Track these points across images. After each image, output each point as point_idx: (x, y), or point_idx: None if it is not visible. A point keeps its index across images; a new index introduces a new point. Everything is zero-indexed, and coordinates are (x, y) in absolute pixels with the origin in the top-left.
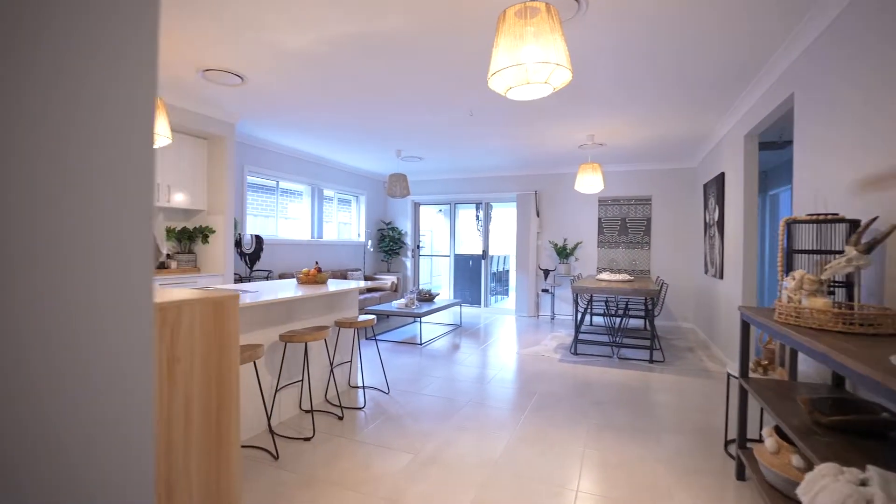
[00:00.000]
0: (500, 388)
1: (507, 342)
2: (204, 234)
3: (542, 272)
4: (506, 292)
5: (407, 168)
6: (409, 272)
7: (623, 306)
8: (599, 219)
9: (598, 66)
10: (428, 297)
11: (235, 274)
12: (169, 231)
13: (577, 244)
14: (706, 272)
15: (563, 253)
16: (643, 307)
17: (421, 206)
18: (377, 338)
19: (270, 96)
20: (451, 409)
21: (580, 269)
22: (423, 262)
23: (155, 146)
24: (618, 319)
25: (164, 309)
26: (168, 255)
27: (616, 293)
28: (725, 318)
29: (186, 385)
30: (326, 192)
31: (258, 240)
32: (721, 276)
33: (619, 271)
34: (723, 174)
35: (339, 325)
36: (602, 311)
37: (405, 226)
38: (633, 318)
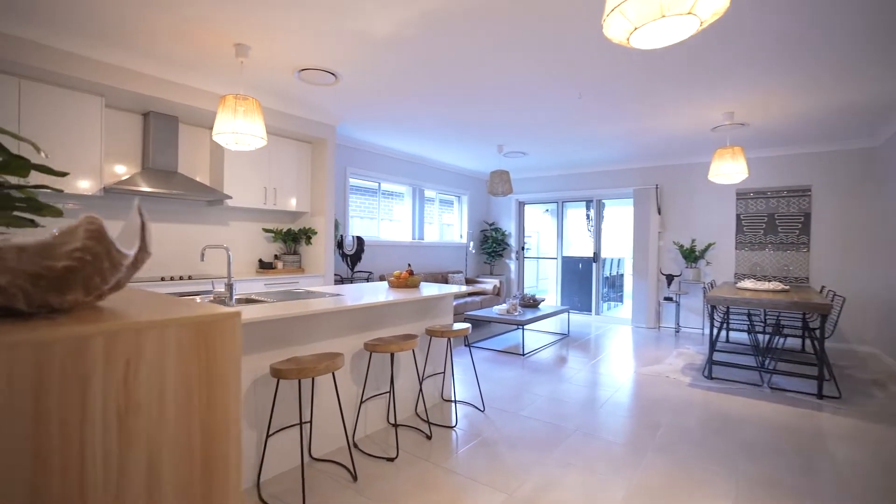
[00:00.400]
0: (615, 414)
1: (623, 357)
2: (307, 235)
3: (664, 278)
4: (620, 299)
5: (510, 165)
6: (513, 275)
7: (774, 322)
8: (738, 215)
9: (743, 15)
10: (532, 303)
11: (336, 275)
12: (276, 233)
13: (709, 245)
14: None
15: (691, 256)
16: (801, 324)
17: (526, 206)
18: (475, 345)
19: (364, 93)
20: (555, 438)
21: (713, 275)
22: (528, 264)
23: (251, 147)
24: (767, 337)
25: (111, 337)
26: (276, 256)
27: (768, 306)
28: None
29: (150, 441)
30: (427, 193)
31: (359, 241)
32: None
33: (767, 278)
34: None
35: (430, 333)
36: (746, 328)
37: (509, 226)
38: (788, 338)
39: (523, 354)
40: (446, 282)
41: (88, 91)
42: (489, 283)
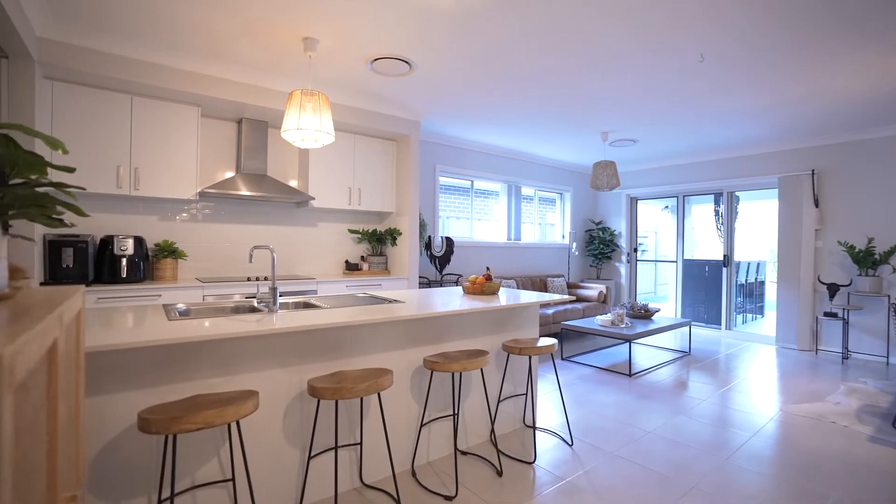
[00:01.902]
0: (753, 470)
1: (764, 387)
2: (392, 236)
3: (824, 287)
4: (759, 311)
5: (618, 155)
6: (624, 280)
7: None
8: None
9: None
10: (643, 314)
11: (423, 278)
12: (361, 234)
13: (895, 247)
14: None
15: (867, 260)
16: None
17: (639, 202)
18: (573, 359)
19: (442, 83)
20: (663, 495)
21: None
22: (643, 268)
23: (319, 144)
24: None
25: None
26: (362, 257)
27: None
28: None
29: None
30: (525, 191)
31: (448, 242)
32: None
33: None
34: None
35: (508, 349)
36: None
37: (619, 225)
38: None
39: (630, 375)
40: (544, 287)
41: (186, 102)
42: (594, 289)
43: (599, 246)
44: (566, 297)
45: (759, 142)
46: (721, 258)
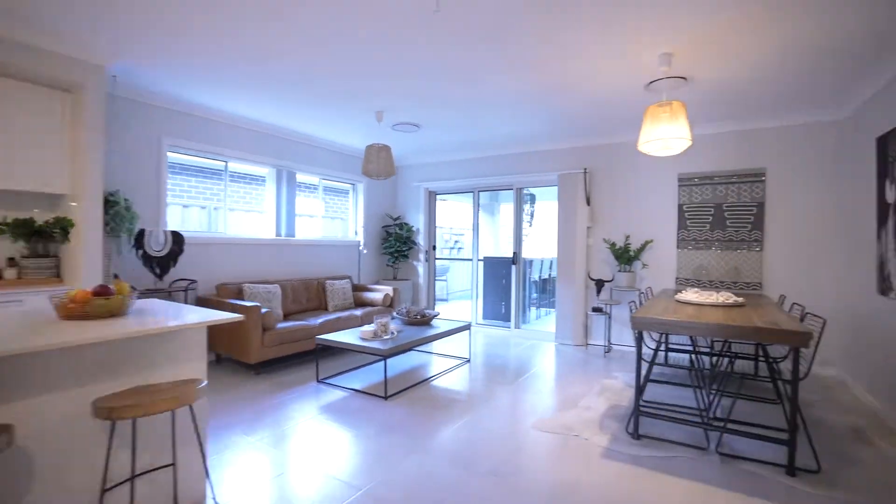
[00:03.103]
0: None
1: (527, 397)
2: (63, 228)
3: (593, 283)
4: (552, 306)
5: (409, 145)
6: (423, 280)
7: (723, 345)
8: (680, 206)
9: None
10: (420, 320)
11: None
12: (5, 225)
13: (646, 244)
14: (885, 292)
15: (625, 256)
16: (756, 349)
17: (439, 197)
18: (328, 382)
19: (133, 6)
20: None
21: (650, 280)
22: (460, 267)
23: None
24: (714, 360)
25: None
26: (11, 259)
27: (721, 334)
28: None
29: None
30: (305, 179)
31: (176, 238)
32: None
33: (714, 285)
34: None
35: (97, 413)
36: (688, 347)
37: (418, 221)
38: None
39: (386, 397)
40: (323, 291)
41: None
42: (381, 292)
43: (396, 243)
44: (227, 318)
45: (544, 139)
46: (511, 256)
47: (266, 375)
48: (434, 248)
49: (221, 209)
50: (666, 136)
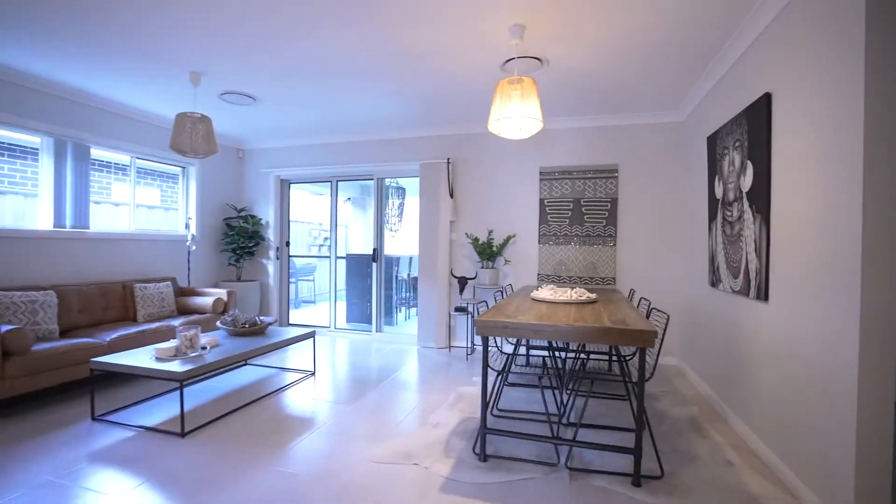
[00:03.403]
0: None
1: (373, 417)
2: None
3: (456, 281)
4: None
5: (252, 122)
6: (273, 280)
7: (581, 345)
8: (542, 200)
9: None
10: (248, 329)
11: None
12: None
13: (509, 239)
14: (714, 283)
15: (487, 252)
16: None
17: (294, 186)
18: (109, 418)
19: None
20: None
21: (513, 277)
22: (325, 267)
23: None
24: (573, 362)
25: None
26: None
27: (563, 336)
28: (772, 377)
29: None
30: (103, 155)
31: None
32: (762, 296)
33: (573, 280)
34: (767, 97)
35: None
36: (547, 348)
37: (268, 214)
38: (593, 356)
39: (183, 434)
40: (132, 297)
41: None
42: (212, 297)
43: (239, 239)
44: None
45: (404, 124)
46: (371, 252)
47: (18, 417)
48: (288, 244)
49: None
50: (517, 114)
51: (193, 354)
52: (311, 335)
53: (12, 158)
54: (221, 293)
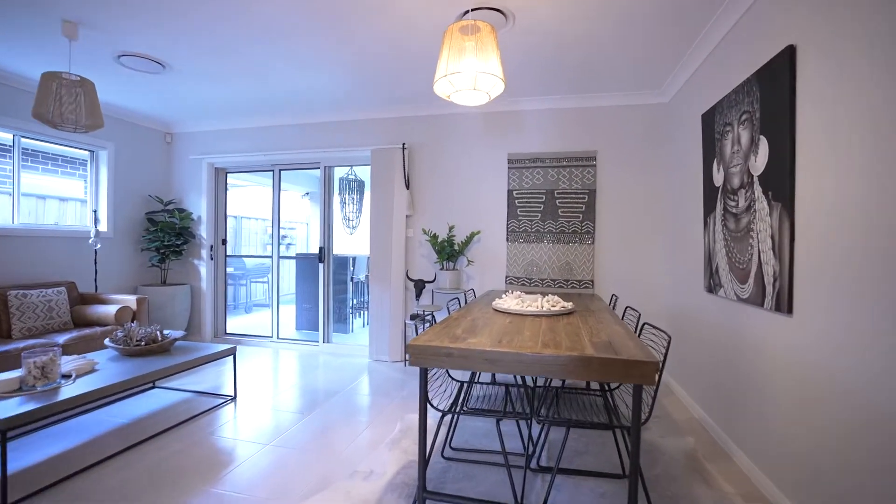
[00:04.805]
0: None
1: (288, 464)
2: None
3: (412, 285)
4: None
5: (172, 99)
6: (206, 284)
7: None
8: (510, 191)
9: None
10: (146, 348)
11: None
12: None
13: (473, 236)
14: (713, 289)
15: (447, 251)
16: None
17: (232, 176)
18: None
19: None
20: None
21: (478, 279)
22: (284, 267)
23: None
24: (544, 383)
25: None
26: None
27: (524, 370)
28: (795, 412)
29: None
30: None
31: None
32: (784, 307)
33: (546, 284)
34: (790, 51)
35: None
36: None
37: (200, 208)
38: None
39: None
40: (4, 306)
41: None
42: (117, 305)
43: (163, 235)
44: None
45: (353, 103)
46: (317, 251)
47: None
48: (225, 242)
49: None
50: (471, 69)
51: (45, 388)
52: (231, 352)
53: None
54: (130, 300)
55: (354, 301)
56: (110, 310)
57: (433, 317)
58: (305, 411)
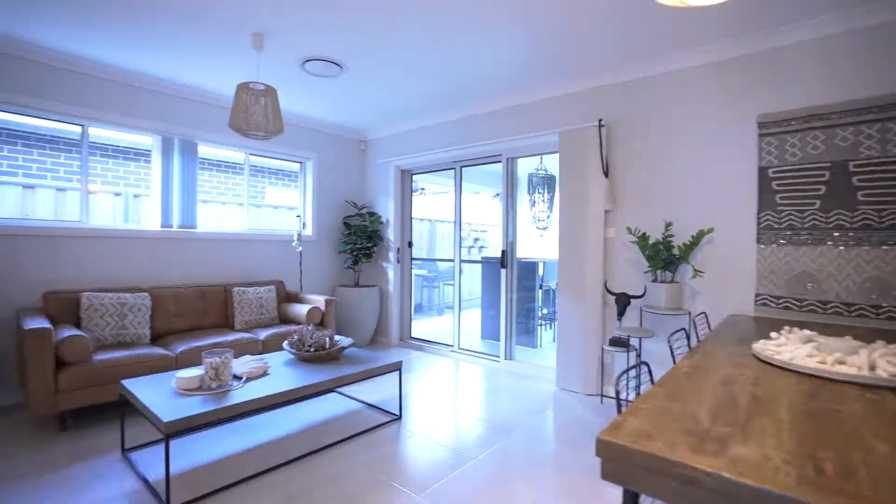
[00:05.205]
0: None
1: None
2: None
3: (613, 300)
4: None
5: (359, 105)
6: (393, 287)
7: None
8: (763, 170)
9: None
10: (315, 355)
11: None
12: None
13: (702, 235)
14: None
15: (662, 256)
16: None
17: (417, 177)
18: (136, 454)
19: None
20: None
21: (709, 297)
22: (470, 271)
23: None
24: None
25: None
26: None
27: None
28: None
29: None
30: (213, 153)
31: None
32: None
33: (834, 309)
34: None
35: None
36: None
37: (388, 211)
38: None
39: None
40: (230, 300)
41: None
42: (309, 305)
43: (356, 239)
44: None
45: (538, 77)
46: (500, 255)
47: (74, 433)
48: (410, 244)
49: (81, 190)
50: None
51: (217, 389)
52: (397, 367)
53: (126, 161)
54: (319, 301)
55: (544, 310)
56: (303, 309)
57: (639, 350)
58: (476, 449)
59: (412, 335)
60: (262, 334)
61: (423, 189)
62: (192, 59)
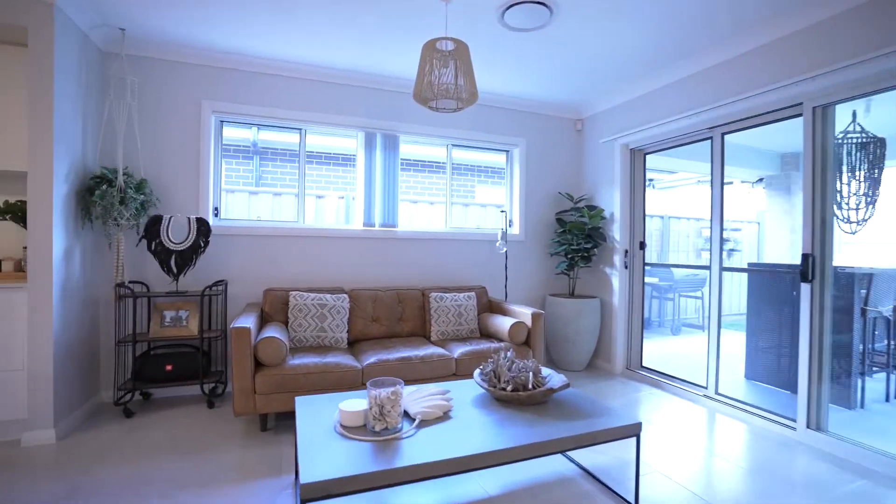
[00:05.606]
0: None
1: None
2: (15, 212)
3: None
4: None
5: (573, 69)
6: (618, 299)
7: None
8: None
9: None
10: (512, 395)
11: (139, 283)
12: None
13: None
14: None
15: None
16: None
17: (650, 157)
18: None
19: None
20: None
21: None
22: (729, 280)
23: None
24: None
25: None
26: None
27: None
28: None
29: None
30: (414, 151)
31: (200, 227)
32: None
33: None
34: None
35: None
36: None
37: (611, 203)
38: None
39: None
40: (427, 306)
41: None
42: (513, 319)
43: (572, 239)
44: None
45: None
46: (801, 261)
47: (272, 436)
48: (643, 245)
49: (299, 195)
50: None
51: (381, 434)
52: (635, 432)
53: (336, 166)
54: (525, 315)
55: (870, 351)
56: (506, 323)
57: None
58: None
59: (643, 363)
60: (457, 351)
61: (651, 181)
62: (385, 44)
